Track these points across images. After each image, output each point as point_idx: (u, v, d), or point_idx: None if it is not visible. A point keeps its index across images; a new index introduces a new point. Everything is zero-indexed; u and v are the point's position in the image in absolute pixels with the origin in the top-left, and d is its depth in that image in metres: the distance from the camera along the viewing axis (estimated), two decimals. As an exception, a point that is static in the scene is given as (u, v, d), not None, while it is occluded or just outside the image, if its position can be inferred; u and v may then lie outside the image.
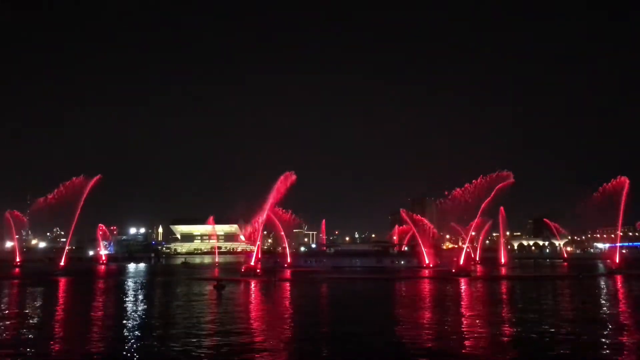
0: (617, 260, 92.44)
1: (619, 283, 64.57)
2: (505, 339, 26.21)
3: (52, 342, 25.12)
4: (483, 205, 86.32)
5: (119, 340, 25.36)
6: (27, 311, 38.08)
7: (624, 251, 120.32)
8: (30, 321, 32.99)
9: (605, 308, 39.95)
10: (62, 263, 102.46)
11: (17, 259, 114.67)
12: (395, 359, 21.92)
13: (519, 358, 21.90)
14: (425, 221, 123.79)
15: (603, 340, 25.72)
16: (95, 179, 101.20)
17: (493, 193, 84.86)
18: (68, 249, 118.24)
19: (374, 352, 22.96)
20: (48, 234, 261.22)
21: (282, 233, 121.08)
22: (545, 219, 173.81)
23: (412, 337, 25.91)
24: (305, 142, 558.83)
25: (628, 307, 40.10)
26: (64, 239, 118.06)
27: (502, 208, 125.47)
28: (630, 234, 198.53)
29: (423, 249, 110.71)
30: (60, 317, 35.21)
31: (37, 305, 42.93)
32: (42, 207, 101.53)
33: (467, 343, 24.78)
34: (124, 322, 31.92)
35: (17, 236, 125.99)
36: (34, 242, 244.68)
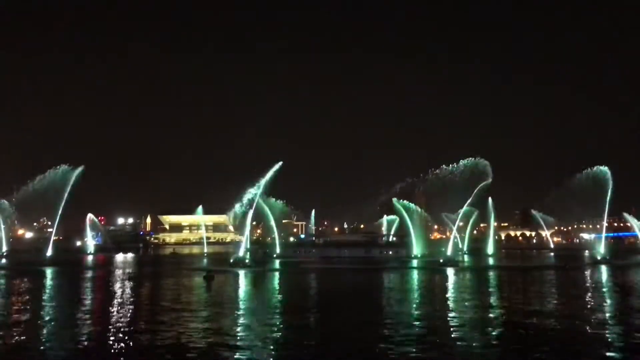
0: (603, 251, 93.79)
1: (604, 273, 65.62)
2: (491, 327, 26.47)
3: (38, 333, 24.98)
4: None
5: (104, 332, 25.23)
6: (13, 302, 37.78)
7: (609, 241, 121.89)
8: (17, 312, 32.74)
9: (589, 296, 40.50)
10: (48, 253, 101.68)
11: (4, 249, 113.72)
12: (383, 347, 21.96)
13: (506, 344, 22.07)
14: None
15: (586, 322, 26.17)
16: (79, 169, 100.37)
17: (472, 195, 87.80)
18: (55, 239, 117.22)
19: (359, 343, 23.04)
20: (35, 223, 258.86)
21: (272, 223, 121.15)
22: (532, 210, 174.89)
23: (399, 327, 26.12)
24: (294, 132, 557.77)
25: (612, 296, 40.74)
26: (51, 229, 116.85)
27: (489, 199, 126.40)
28: (616, 224, 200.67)
29: (412, 239, 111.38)
30: (47, 308, 35.00)
31: (24, 296, 42.56)
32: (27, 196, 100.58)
33: (450, 327, 25.11)
34: (110, 314, 31.78)
35: (3, 226, 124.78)
36: (20, 231, 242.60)
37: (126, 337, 23.86)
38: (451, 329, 25.99)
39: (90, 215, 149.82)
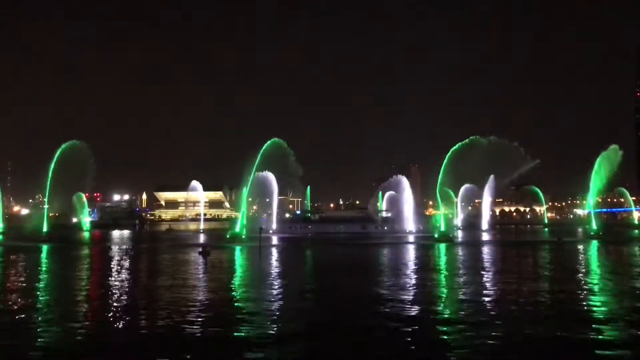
0: (595, 226, 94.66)
1: (596, 247, 66.46)
2: (485, 299, 26.84)
3: (37, 309, 25.19)
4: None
5: (102, 306, 25.52)
6: (11, 279, 37.99)
7: (602, 216, 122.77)
8: (15, 289, 32.96)
9: (581, 268, 41.05)
10: (44, 230, 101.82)
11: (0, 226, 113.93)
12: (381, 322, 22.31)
13: (500, 318, 22.44)
14: None
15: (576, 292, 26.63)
16: (66, 144, 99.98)
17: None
18: (51, 215, 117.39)
19: (357, 317, 23.38)
20: (30, 200, 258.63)
21: (268, 200, 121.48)
22: (532, 186, 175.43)
23: (394, 301, 26.50)
24: (290, 108, 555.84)
25: (602, 268, 41.32)
26: (47, 206, 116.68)
27: (492, 176, 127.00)
28: (609, 200, 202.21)
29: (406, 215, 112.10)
30: (45, 284, 35.22)
31: (21, 272, 42.73)
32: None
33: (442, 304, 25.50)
34: (108, 287, 32.06)
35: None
36: (16, 208, 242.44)
37: (123, 314, 24.13)
38: (438, 296, 26.50)
39: (75, 197, 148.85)
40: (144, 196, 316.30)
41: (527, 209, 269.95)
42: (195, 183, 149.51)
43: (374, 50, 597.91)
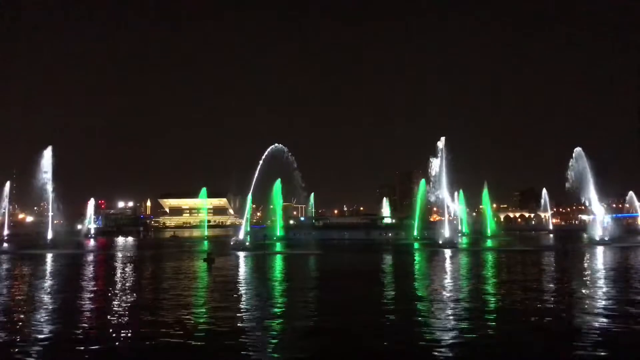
0: (601, 232, 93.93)
1: (601, 254, 66.00)
2: (488, 305, 26.71)
3: (43, 317, 25.19)
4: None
5: (107, 314, 25.48)
6: (18, 285, 38.04)
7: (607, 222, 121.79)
8: (18, 296, 32.98)
9: (586, 275, 40.79)
10: (49, 237, 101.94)
11: (5, 233, 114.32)
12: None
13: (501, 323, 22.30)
14: None
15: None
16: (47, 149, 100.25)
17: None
18: (56, 222, 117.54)
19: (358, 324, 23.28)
20: (35, 207, 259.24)
21: (272, 206, 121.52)
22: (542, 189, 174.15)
23: (400, 307, 26.41)
24: (293, 114, 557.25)
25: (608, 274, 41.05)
26: (51, 213, 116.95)
27: (485, 182, 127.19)
28: (614, 205, 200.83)
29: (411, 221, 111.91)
30: (50, 291, 35.22)
31: (27, 279, 42.79)
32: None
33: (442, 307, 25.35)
34: (112, 295, 32.02)
35: (4, 210, 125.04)
36: (21, 216, 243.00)
37: (127, 321, 24.08)
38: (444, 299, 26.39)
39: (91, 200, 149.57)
40: (148, 203, 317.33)
41: (532, 215, 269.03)
42: (203, 190, 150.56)
43: (376, 54, 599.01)
